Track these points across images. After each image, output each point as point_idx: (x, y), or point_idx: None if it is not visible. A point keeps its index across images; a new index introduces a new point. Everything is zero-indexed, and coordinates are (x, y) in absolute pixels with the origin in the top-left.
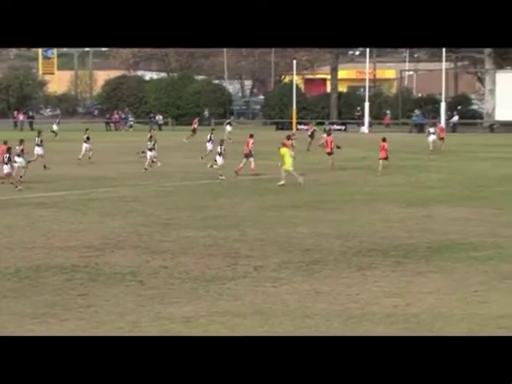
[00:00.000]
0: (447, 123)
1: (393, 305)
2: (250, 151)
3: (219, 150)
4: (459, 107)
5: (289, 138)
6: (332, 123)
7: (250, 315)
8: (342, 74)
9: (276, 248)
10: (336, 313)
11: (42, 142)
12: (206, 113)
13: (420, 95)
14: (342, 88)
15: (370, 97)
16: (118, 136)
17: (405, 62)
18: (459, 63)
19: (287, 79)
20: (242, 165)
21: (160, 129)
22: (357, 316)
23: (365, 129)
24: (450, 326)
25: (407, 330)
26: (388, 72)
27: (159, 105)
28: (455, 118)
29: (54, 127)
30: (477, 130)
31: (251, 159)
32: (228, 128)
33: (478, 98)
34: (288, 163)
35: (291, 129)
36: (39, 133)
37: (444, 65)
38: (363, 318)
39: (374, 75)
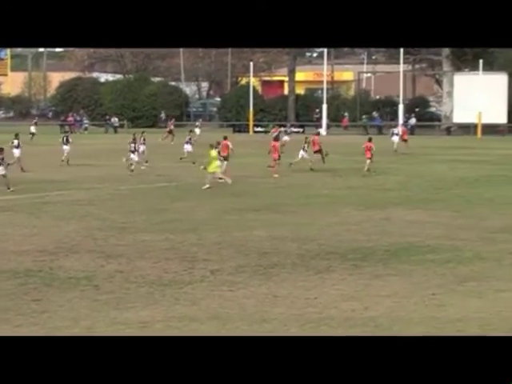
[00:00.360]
0: (405, 125)
1: (351, 308)
2: (228, 154)
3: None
4: (417, 109)
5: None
6: (290, 125)
7: (207, 320)
8: (299, 75)
9: (233, 251)
10: (294, 317)
11: (19, 144)
12: (163, 115)
13: (378, 97)
14: (300, 90)
15: (327, 99)
16: (73, 138)
17: (363, 63)
18: (417, 65)
19: (244, 81)
20: (224, 168)
21: (115, 131)
22: (315, 320)
23: (323, 131)
24: (408, 330)
25: (365, 333)
26: (346, 74)
27: (115, 107)
28: (412, 121)
29: (32, 129)
30: (434, 133)
31: (225, 162)
32: (197, 131)
33: (436, 101)
34: (213, 166)
35: (248, 131)
36: (16, 135)
37: (402, 67)
38: (321, 323)
39: (332, 77)
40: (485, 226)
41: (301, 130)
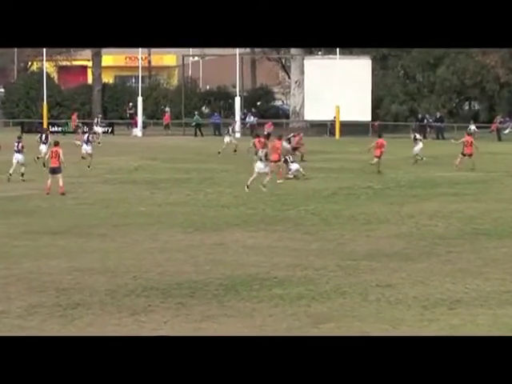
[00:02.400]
0: (243, 124)
1: None
2: (61, 165)
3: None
4: (259, 103)
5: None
6: (95, 124)
7: None
8: (107, 60)
9: (23, 287)
10: None
11: None
12: None
13: (208, 88)
14: (108, 78)
15: (143, 90)
16: None
17: None
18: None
19: (35, 67)
20: (49, 182)
21: None
22: None
23: (138, 131)
24: None
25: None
26: (167, 58)
27: None
28: (252, 119)
29: None
30: (282, 132)
31: (60, 175)
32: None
33: (283, 92)
34: None
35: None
36: None
37: (238, 49)
38: None
39: (149, 62)
40: (345, 251)
41: (108, 129)
